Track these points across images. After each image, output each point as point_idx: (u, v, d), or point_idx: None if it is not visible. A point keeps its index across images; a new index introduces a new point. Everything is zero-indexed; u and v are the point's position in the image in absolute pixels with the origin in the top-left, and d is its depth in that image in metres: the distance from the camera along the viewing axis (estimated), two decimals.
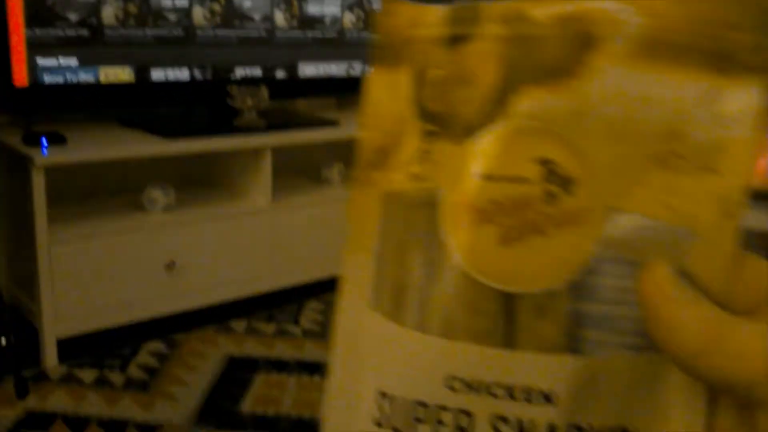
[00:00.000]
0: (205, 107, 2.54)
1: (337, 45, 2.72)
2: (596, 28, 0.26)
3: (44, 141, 2.01)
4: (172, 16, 2.33)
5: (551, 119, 0.26)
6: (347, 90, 2.76)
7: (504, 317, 0.26)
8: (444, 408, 0.27)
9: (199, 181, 2.58)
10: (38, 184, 1.94)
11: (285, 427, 1.81)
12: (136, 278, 2.15)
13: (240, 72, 2.51)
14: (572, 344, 0.26)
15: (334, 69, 2.72)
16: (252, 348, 2.21)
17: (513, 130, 0.26)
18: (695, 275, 0.25)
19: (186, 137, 2.25)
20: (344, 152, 2.63)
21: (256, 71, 2.54)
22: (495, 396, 0.26)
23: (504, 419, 0.26)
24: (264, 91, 2.44)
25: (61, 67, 2.14)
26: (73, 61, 2.16)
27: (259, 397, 1.94)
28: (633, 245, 0.26)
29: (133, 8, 2.24)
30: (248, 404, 1.91)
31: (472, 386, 0.26)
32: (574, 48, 0.26)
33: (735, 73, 0.25)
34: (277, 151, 2.43)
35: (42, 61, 2.10)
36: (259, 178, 2.39)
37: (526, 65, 0.27)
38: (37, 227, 1.95)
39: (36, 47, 2.09)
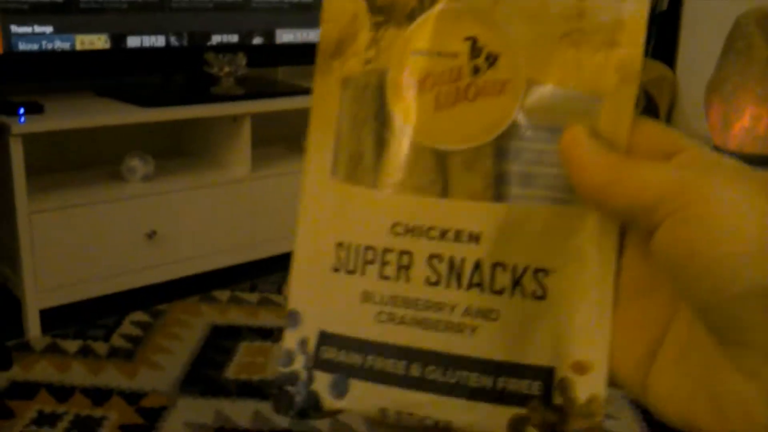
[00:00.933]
0: (182, 75, 2.51)
1: (315, 10, 2.69)
2: None
3: (21, 110, 1.98)
4: None
5: (476, 2, 0.31)
6: None
7: (439, 171, 0.31)
8: (389, 250, 0.31)
9: (179, 151, 2.57)
10: (17, 152, 1.92)
11: (269, 393, 1.81)
12: (118, 248, 2.14)
13: (216, 38, 2.48)
14: (499, 196, 0.30)
15: (312, 36, 2.70)
16: (235, 317, 2.21)
17: (444, 12, 0.31)
18: (603, 134, 0.29)
19: (163, 105, 2.23)
20: None
21: (233, 38, 2.52)
22: (431, 238, 0.30)
23: (438, 257, 0.30)
24: (241, 58, 2.42)
25: (36, 35, 2.11)
26: (48, 29, 2.13)
27: (243, 364, 1.95)
28: (550, 112, 0.30)
29: None
30: (232, 371, 1.91)
31: (412, 230, 0.31)
32: None
33: None
34: (257, 120, 2.41)
35: (16, 29, 2.07)
36: (239, 147, 2.38)
37: None
38: (16, 197, 1.94)
39: (10, 14, 2.05)
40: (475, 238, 0.30)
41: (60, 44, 2.16)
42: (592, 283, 0.30)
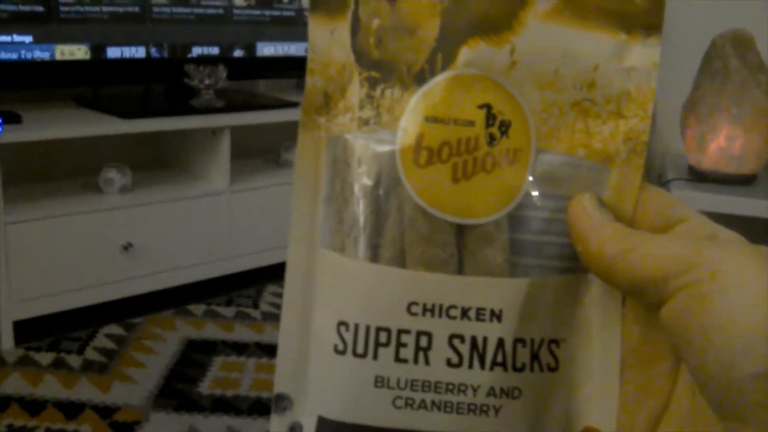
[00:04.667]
0: (161, 86, 2.50)
1: (296, 24, 2.70)
2: None
3: None
4: None
5: (490, 68, 0.29)
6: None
7: (456, 247, 0.29)
8: (405, 331, 0.29)
9: (157, 163, 2.56)
10: None
11: (243, 408, 1.81)
12: (93, 260, 2.12)
13: (197, 50, 2.48)
14: (511, 269, 0.29)
15: (293, 49, 2.70)
16: (211, 331, 2.20)
17: (458, 78, 0.29)
18: (610, 204, 0.29)
19: (142, 117, 2.22)
20: None
21: (214, 50, 2.52)
22: (451, 317, 0.29)
23: (460, 337, 0.29)
24: (222, 71, 2.41)
25: (15, 44, 2.09)
26: (27, 38, 2.11)
27: (218, 379, 1.94)
28: (559, 181, 0.30)
29: None
30: (207, 386, 1.90)
31: (430, 310, 0.29)
32: (508, 4, 0.29)
33: (636, 32, 0.30)
34: (236, 133, 2.41)
35: None
36: (218, 160, 2.37)
37: (465, 19, 0.29)
38: None
39: None
40: (497, 315, 0.29)
41: (39, 54, 2.15)
42: (599, 350, 0.30)
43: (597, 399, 0.30)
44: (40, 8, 2.12)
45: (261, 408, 1.81)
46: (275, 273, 2.52)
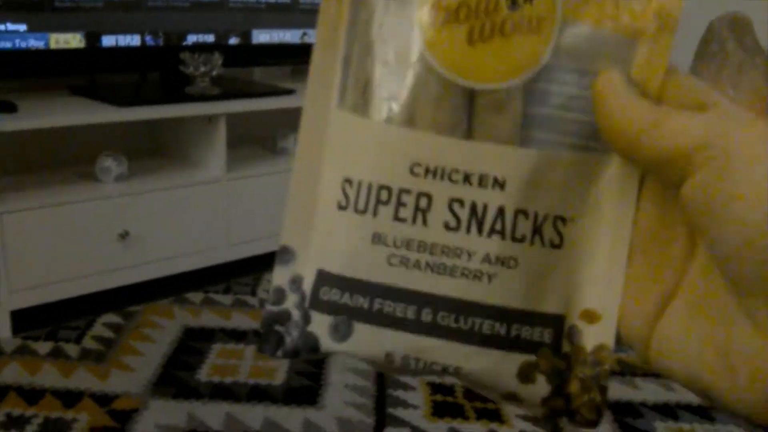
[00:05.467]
0: (157, 74, 2.50)
1: (291, 11, 2.69)
2: None
3: None
4: None
5: None
6: (302, 58, 2.73)
7: (465, 111, 0.29)
8: (406, 191, 0.29)
9: (153, 151, 2.55)
10: None
11: (242, 395, 1.81)
12: (90, 249, 2.12)
13: (192, 38, 2.47)
14: (523, 141, 0.29)
15: (289, 36, 2.69)
16: (209, 319, 2.20)
17: None
18: (637, 81, 0.29)
19: (138, 105, 2.21)
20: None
21: (209, 38, 2.51)
22: (453, 181, 0.29)
23: (460, 201, 0.29)
24: (217, 58, 2.41)
25: (10, 33, 2.08)
26: (22, 27, 2.11)
27: (216, 366, 1.94)
28: (583, 54, 0.29)
29: None
30: (205, 373, 1.90)
31: (433, 172, 0.29)
32: None
33: None
34: (232, 121, 2.40)
35: None
36: (214, 148, 2.37)
37: None
38: None
39: None
40: (500, 183, 0.29)
41: (34, 43, 2.14)
42: (608, 232, 0.30)
43: (601, 282, 0.30)
44: None
45: (260, 395, 1.82)
46: (273, 261, 2.51)
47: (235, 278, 2.46)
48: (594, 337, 0.30)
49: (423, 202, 0.29)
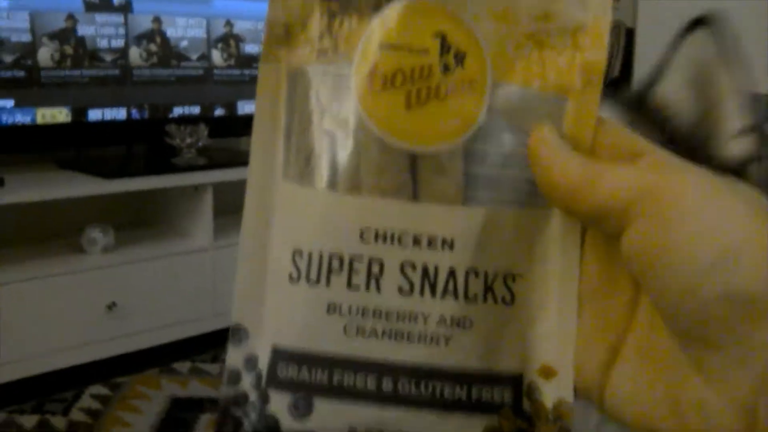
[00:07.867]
0: (143, 146, 2.52)
1: None
2: None
3: None
4: (108, 57, 2.33)
5: None
6: None
7: (410, 173, 0.29)
8: (358, 258, 0.29)
9: (140, 222, 2.56)
10: None
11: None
12: (77, 321, 2.11)
13: (178, 111, 2.50)
14: (467, 200, 0.29)
15: None
16: (197, 389, 2.18)
17: (413, 6, 0.30)
18: (570, 136, 0.29)
19: (124, 177, 2.23)
20: None
21: (195, 109, 2.54)
22: (403, 244, 0.29)
23: (411, 264, 0.29)
24: (203, 129, 2.44)
25: None
26: (9, 103, 2.13)
27: None
28: (516, 113, 0.30)
29: (68, 49, 2.24)
30: None
31: (383, 236, 0.29)
32: None
33: None
34: (218, 190, 2.42)
35: None
36: (201, 218, 2.38)
37: None
38: None
39: None
40: (449, 244, 0.29)
41: (21, 118, 2.16)
42: (556, 287, 0.30)
43: (554, 336, 0.30)
44: (21, 73, 2.14)
45: None
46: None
47: (222, 347, 2.43)
48: (553, 392, 0.30)
49: (375, 268, 0.29)
